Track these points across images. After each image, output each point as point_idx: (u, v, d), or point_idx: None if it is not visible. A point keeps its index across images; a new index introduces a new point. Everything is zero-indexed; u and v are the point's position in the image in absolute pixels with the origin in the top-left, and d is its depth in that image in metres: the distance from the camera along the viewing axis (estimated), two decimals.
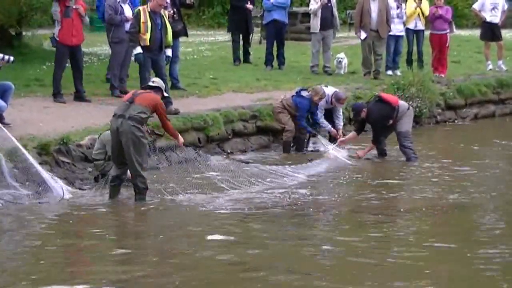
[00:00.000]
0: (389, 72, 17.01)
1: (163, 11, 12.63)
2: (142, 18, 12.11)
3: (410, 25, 17.38)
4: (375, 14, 16.34)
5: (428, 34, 17.74)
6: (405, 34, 17.38)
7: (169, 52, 12.69)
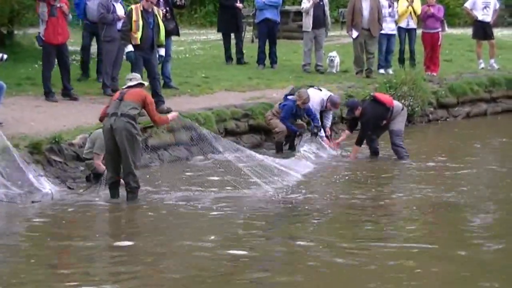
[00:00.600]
0: (381, 71, 17.01)
1: (157, 10, 12.62)
2: (134, 17, 12.12)
3: (402, 24, 17.37)
4: (367, 13, 16.33)
5: (420, 33, 17.76)
6: (397, 33, 17.38)
7: (162, 52, 12.70)
